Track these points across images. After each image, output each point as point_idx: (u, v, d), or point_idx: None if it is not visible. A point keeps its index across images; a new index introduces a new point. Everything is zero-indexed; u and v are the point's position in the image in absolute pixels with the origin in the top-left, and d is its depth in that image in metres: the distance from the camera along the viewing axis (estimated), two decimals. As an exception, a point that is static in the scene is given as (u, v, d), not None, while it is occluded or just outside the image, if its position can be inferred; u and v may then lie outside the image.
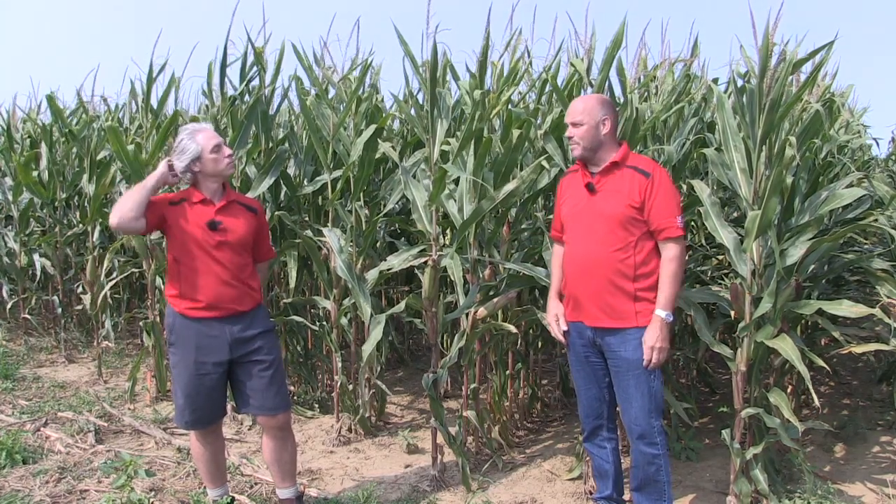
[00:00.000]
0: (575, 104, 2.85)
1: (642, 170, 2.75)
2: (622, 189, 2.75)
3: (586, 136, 2.79)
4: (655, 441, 2.82)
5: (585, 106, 2.80)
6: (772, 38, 2.82)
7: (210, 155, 2.86)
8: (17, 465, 3.74)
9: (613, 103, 2.95)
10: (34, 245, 6.55)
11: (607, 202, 2.77)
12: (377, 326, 3.52)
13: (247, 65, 4.40)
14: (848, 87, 5.27)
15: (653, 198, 2.71)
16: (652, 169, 2.76)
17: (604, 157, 2.82)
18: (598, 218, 2.78)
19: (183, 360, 2.91)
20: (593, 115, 2.78)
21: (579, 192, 2.88)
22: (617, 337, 2.79)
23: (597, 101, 2.83)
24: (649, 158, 2.93)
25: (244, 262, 2.97)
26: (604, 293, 2.78)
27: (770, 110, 2.87)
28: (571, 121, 2.82)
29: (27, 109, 7.12)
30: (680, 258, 2.72)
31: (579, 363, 3.01)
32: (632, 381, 2.79)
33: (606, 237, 2.75)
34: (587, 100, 2.86)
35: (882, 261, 3.58)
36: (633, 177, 2.75)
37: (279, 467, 3.08)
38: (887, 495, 3.40)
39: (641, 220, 2.73)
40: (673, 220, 2.71)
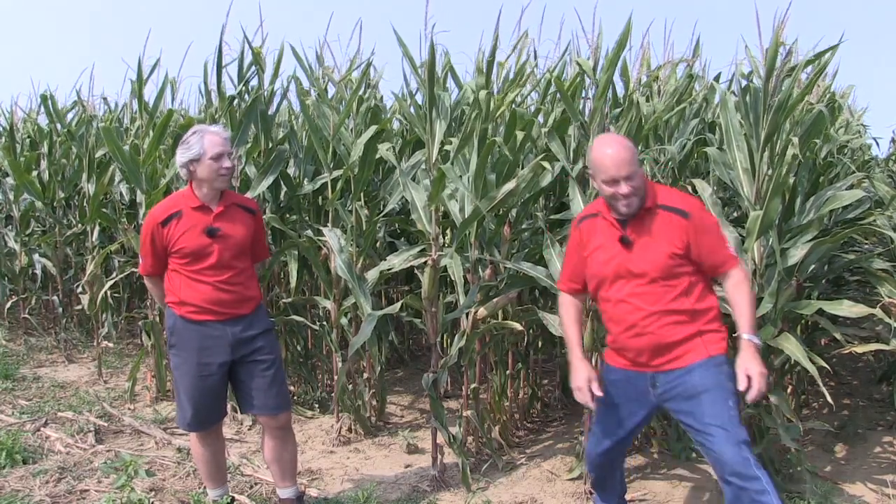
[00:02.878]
0: (619, 152, 2.35)
1: (679, 209, 2.40)
2: (661, 237, 2.39)
3: (642, 186, 2.39)
4: (754, 475, 2.25)
5: (632, 152, 2.37)
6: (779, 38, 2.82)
7: (208, 161, 2.79)
8: (17, 465, 3.74)
9: None
10: (34, 245, 6.56)
11: (648, 256, 2.40)
12: (370, 324, 3.51)
13: (244, 64, 4.40)
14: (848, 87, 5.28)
15: (699, 238, 2.37)
16: (688, 206, 2.42)
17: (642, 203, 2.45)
18: (640, 275, 2.41)
19: (185, 363, 2.91)
20: (638, 160, 2.41)
21: (609, 244, 2.47)
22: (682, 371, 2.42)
23: (630, 142, 2.45)
24: (677, 191, 2.59)
25: (244, 265, 2.96)
26: (664, 344, 2.42)
27: (776, 111, 2.87)
28: (626, 174, 2.33)
29: (28, 109, 7.12)
30: (747, 279, 2.44)
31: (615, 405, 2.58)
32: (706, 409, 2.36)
33: (654, 293, 2.40)
34: (624, 142, 2.42)
35: (882, 261, 3.59)
36: (669, 220, 2.39)
37: (280, 467, 3.08)
38: (887, 495, 3.40)
39: (690, 263, 2.40)
40: (726, 252, 2.42)
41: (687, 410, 2.41)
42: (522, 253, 3.90)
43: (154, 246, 2.89)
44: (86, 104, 6.04)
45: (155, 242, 2.88)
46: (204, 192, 2.88)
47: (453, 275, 3.66)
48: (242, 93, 4.44)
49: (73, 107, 6.51)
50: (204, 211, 2.87)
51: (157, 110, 5.00)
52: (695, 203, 2.49)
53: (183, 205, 2.87)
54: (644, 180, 2.41)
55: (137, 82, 4.82)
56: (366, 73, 4.28)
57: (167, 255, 2.90)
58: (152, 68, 4.89)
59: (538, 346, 4.54)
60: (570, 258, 2.67)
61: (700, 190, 3.19)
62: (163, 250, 2.89)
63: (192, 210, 2.86)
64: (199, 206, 2.87)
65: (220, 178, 2.84)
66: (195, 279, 2.86)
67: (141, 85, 4.82)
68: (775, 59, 2.82)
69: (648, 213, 2.42)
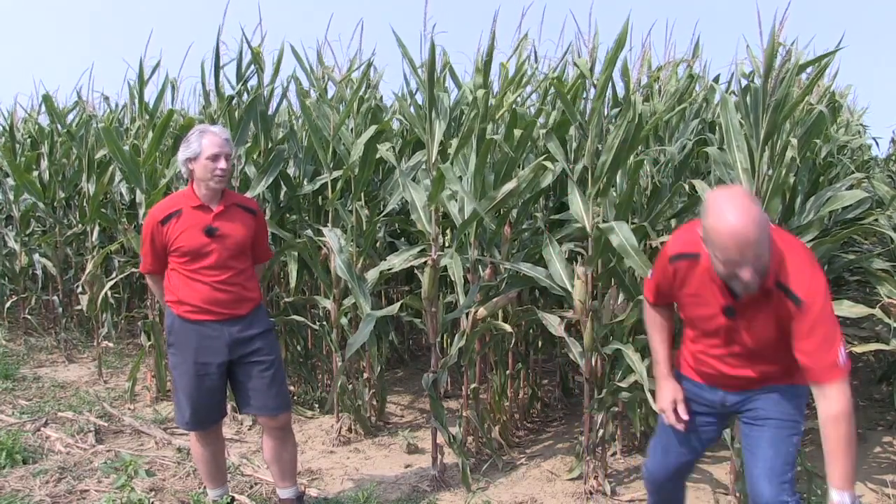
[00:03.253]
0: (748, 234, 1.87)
1: (793, 294, 2.00)
2: (771, 319, 2.08)
3: (767, 262, 1.97)
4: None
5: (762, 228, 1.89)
6: (777, 38, 2.82)
7: (204, 160, 2.81)
8: (17, 465, 3.74)
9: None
10: (34, 245, 6.56)
11: (752, 333, 2.13)
12: (368, 324, 3.52)
13: (243, 64, 4.40)
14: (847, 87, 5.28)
15: (804, 332, 2.01)
16: (805, 293, 2.00)
17: None
18: (740, 342, 2.18)
19: (183, 362, 2.91)
20: (766, 235, 1.93)
21: (711, 302, 2.16)
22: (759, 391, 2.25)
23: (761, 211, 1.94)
24: (802, 266, 2.05)
25: (242, 266, 2.95)
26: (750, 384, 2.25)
27: (774, 110, 2.87)
28: (751, 257, 1.90)
29: (29, 109, 7.12)
30: (849, 413, 1.97)
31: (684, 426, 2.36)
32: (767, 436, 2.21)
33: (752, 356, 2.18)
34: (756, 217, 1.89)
35: (882, 261, 3.59)
36: (780, 301, 2.03)
37: (279, 467, 3.08)
38: (887, 495, 3.40)
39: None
40: (828, 360, 1.98)
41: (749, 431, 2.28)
42: (522, 253, 3.90)
43: (154, 244, 2.90)
44: (86, 104, 6.04)
45: (155, 241, 2.89)
46: (203, 191, 2.88)
47: (453, 275, 3.66)
48: (241, 92, 4.44)
49: (74, 107, 6.51)
50: (203, 210, 2.87)
51: (158, 111, 5.00)
52: (815, 291, 2.01)
53: (183, 204, 2.88)
54: (769, 251, 1.95)
55: (138, 83, 4.82)
56: (366, 74, 4.28)
57: (167, 253, 2.90)
58: (153, 69, 4.90)
59: (538, 346, 4.54)
60: (659, 281, 2.33)
61: (699, 191, 3.19)
62: (162, 249, 2.90)
63: (191, 209, 2.86)
64: (199, 205, 2.87)
65: (215, 178, 2.84)
66: (193, 278, 2.86)
67: (142, 85, 4.83)
68: (773, 60, 2.83)
69: (765, 292, 2.04)
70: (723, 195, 1.98)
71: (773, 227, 2.04)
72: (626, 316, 3.33)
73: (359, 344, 3.50)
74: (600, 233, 3.27)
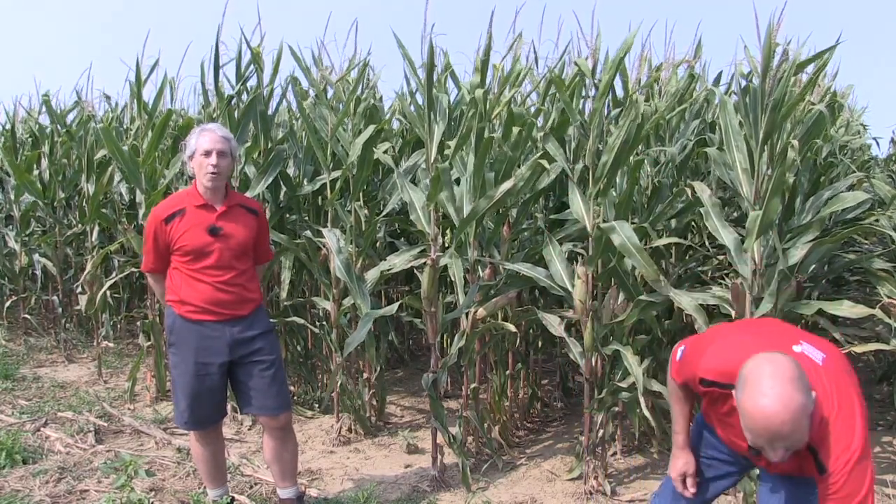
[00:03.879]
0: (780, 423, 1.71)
1: (821, 462, 1.87)
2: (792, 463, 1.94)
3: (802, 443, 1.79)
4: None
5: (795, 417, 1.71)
6: (774, 38, 2.82)
7: (198, 157, 2.84)
8: (17, 465, 3.74)
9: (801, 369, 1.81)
10: (34, 245, 6.56)
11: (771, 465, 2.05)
12: (366, 324, 3.52)
13: (242, 64, 4.40)
14: (847, 87, 5.28)
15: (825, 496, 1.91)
16: (833, 465, 1.86)
17: None
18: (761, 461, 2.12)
19: (183, 362, 2.91)
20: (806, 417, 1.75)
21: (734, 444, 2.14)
22: None
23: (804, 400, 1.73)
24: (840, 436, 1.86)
25: (244, 266, 2.96)
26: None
27: (772, 110, 2.87)
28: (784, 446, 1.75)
29: (29, 109, 7.12)
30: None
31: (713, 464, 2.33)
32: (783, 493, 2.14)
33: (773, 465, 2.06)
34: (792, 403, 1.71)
35: (882, 261, 3.59)
36: (806, 458, 1.90)
37: (280, 467, 3.08)
38: (887, 495, 3.40)
39: None
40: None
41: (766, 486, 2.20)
42: (522, 253, 3.90)
43: (156, 243, 2.90)
44: (85, 104, 6.05)
45: (157, 239, 2.89)
46: (202, 189, 2.90)
47: (453, 275, 3.66)
48: (241, 92, 4.44)
49: (73, 107, 6.51)
50: (207, 209, 2.88)
51: (157, 110, 5.00)
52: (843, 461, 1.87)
53: (187, 203, 2.89)
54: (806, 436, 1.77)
55: (136, 83, 4.81)
56: (363, 74, 4.28)
57: (169, 252, 2.90)
58: (151, 68, 4.90)
59: (538, 346, 4.54)
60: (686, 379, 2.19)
61: (699, 192, 3.19)
62: (165, 248, 2.90)
63: (195, 208, 2.87)
64: (203, 204, 2.88)
65: (208, 175, 2.84)
66: (196, 278, 2.87)
67: (139, 85, 4.82)
68: (770, 60, 2.83)
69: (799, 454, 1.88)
70: (765, 371, 1.75)
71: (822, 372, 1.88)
72: (626, 316, 3.33)
73: (356, 343, 3.50)
74: (601, 232, 3.27)
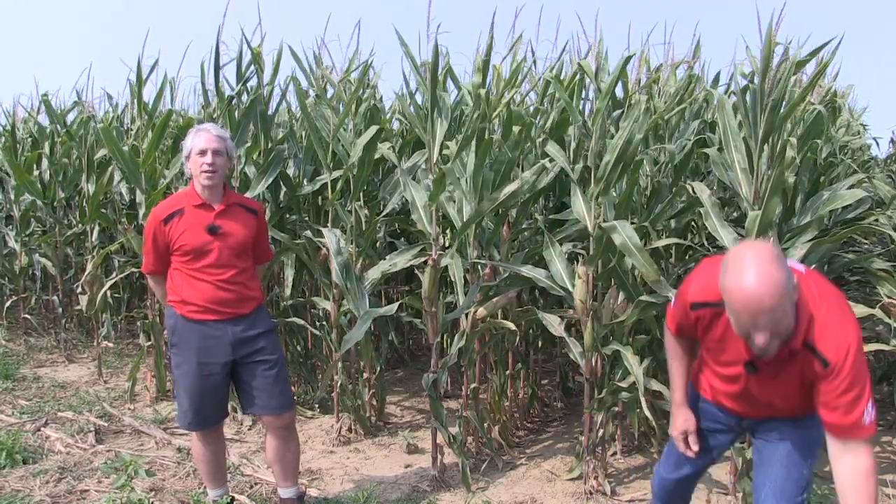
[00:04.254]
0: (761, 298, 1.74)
1: (821, 355, 1.89)
2: (793, 374, 1.99)
3: (789, 328, 1.84)
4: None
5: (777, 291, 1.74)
6: (774, 38, 2.82)
7: (194, 157, 2.85)
8: (17, 465, 3.74)
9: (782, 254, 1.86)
10: (34, 245, 6.56)
11: (772, 386, 2.07)
12: (364, 322, 3.52)
13: (243, 64, 4.40)
14: (848, 87, 5.28)
15: (830, 393, 1.92)
16: (834, 354, 1.88)
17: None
18: (759, 392, 2.12)
19: (186, 362, 2.91)
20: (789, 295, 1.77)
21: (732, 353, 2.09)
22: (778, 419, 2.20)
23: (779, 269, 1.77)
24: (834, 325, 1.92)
25: (244, 265, 2.96)
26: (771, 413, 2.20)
27: (772, 110, 2.88)
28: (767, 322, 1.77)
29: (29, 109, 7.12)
30: (875, 468, 1.94)
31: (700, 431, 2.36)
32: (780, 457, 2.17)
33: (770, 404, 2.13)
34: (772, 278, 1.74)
35: (882, 261, 3.59)
36: (806, 360, 1.93)
37: (282, 466, 3.08)
38: (887, 495, 3.40)
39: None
40: (857, 417, 1.93)
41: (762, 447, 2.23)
42: (522, 253, 3.90)
43: (156, 244, 2.91)
44: (85, 104, 6.05)
45: (157, 240, 2.90)
46: (200, 189, 2.90)
47: (453, 275, 3.66)
48: (241, 92, 4.44)
49: (73, 107, 6.51)
50: (205, 209, 2.89)
51: (157, 111, 5.00)
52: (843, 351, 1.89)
53: (185, 203, 2.90)
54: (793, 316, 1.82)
55: (136, 83, 4.81)
56: (365, 74, 4.28)
57: (169, 253, 2.91)
58: (151, 68, 4.89)
59: (538, 346, 4.54)
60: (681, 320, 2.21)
61: (698, 192, 3.19)
62: (165, 248, 2.91)
63: (193, 208, 2.88)
64: (201, 203, 2.89)
65: (203, 174, 2.85)
66: (196, 277, 2.87)
67: (140, 85, 4.82)
68: (770, 60, 2.83)
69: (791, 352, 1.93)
70: (747, 253, 1.81)
71: (807, 278, 1.95)
72: (626, 316, 3.33)
73: (354, 341, 3.50)
74: (602, 232, 3.27)
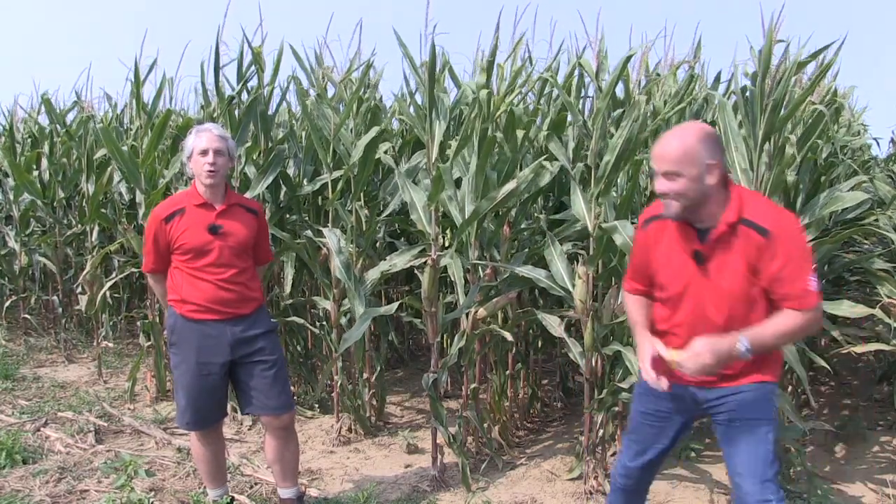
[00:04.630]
0: (666, 148, 2.05)
1: (758, 226, 2.03)
2: (738, 258, 2.08)
3: (687, 193, 2.04)
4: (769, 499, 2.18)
5: (685, 150, 2.01)
6: (774, 38, 2.82)
7: (196, 157, 2.85)
8: (17, 465, 3.74)
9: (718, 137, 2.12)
10: (34, 245, 6.55)
11: (722, 276, 2.11)
12: (364, 322, 3.52)
13: (244, 64, 4.40)
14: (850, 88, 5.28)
15: (772, 263, 2.03)
16: (771, 224, 2.03)
17: (711, 213, 2.10)
18: (711, 294, 2.15)
19: (185, 361, 2.91)
20: (696, 163, 2.02)
21: (679, 257, 2.19)
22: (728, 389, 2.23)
23: (699, 140, 2.03)
24: (770, 205, 2.15)
25: (245, 265, 2.97)
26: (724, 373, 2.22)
27: (772, 111, 2.88)
28: (665, 170, 2.05)
29: (28, 109, 7.12)
30: (803, 326, 2.06)
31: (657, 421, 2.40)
32: (743, 437, 2.22)
33: (723, 313, 2.14)
34: (686, 139, 2.03)
35: (882, 261, 3.59)
36: (747, 237, 2.05)
37: (281, 466, 3.08)
38: (887, 495, 3.40)
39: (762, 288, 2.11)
40: (802, 287, 2.02)
41: (725, 431, 2.27)
42: (522, 253, 3.90)
43: (157, 243, 2.91)
44: (85, 104, 6.04)
45: (158, 239, 2.90)
46: (202, 189, 2.90)
47: (453, 275, 3.66)
48: (241, 92, 4.44)
49: (72, 107, 6.51)
50: (206, 208, 2.90)
51: (156, 111, 5.00)
52: (781, 222, 2.06)
53: (186, 202, 2.91)
54: (699, 189, 2.04)
55: (135, 83, 4.81)
56: (366, 74, 4.28)
57: (170, 252, 2.91)
58: (150, 68, 4.89)
59: (538, 346, 4.54)
60: (635, 257, 2.40)
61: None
62: (166, 247, 2.91)
63: (194, 207, 2.89)
64: (202, 203, 2.90)
65: (206, 174, 2.85)
66: (197, 277, 2.87)
67: (138, 85, 4.82)
68: (769, 61, 2.83)
69: (730, 227, 2.07)
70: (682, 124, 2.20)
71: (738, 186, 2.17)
72: (627, 316, 3.32)
73: (353, 340, 3.51)
74: (602, 232, 3.27)
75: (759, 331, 2.06)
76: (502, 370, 4.12)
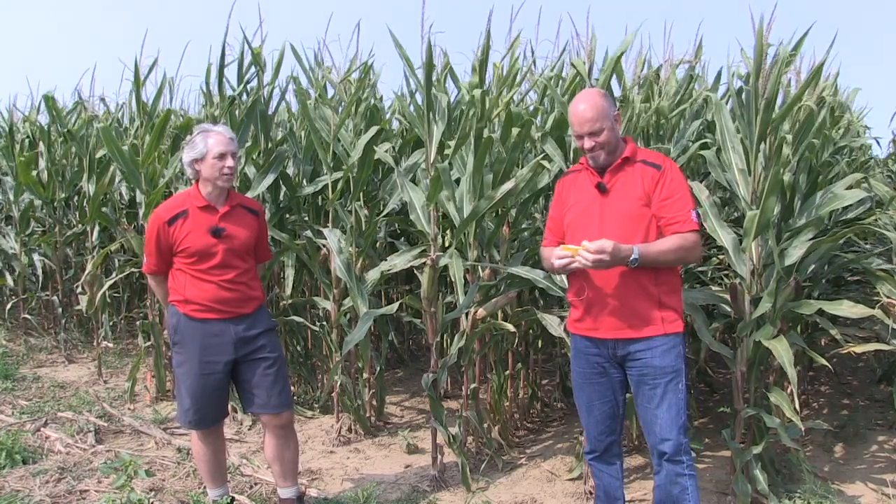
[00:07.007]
0: (584, 111, 2.50)
1: (653, 163, 2.53)
2: (635, 185, 2.50)
3: (609, 141, 2.52)
4: (682, 459, 2.53)
5: (597, 109, 2.49)
6: (766, 38, 2.82)
7: (212, 160, 2.85)
8: (17, 465, 3.75)
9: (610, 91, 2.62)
10: (34, 245, 6.56)
11: (621, 201, 2.51)
12: (365, 323, 3.52)
13: (244, 65, 4.40)
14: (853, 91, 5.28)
15: (663, 191, 2.47)
16: (662, 161, 2.54)
17: (615, 155, 2.56)
18: (611, 218, 2.51)
19: (188, 360, 2.92)
20: (608, 116, 2.51)
21: (587, 193, 2.60)
22: (642, 343, 2.51)
23: (602, 98, 2.54)
24: (658, 152, 2.70)
25: (247, 265, 2.98)
26: (625, 300, 2.50)
27: (766, 110, 2.88)
28: (589, 130, 2.50)
29: (26, 110, 7.12)
30: (687, 246, 2.44)
31: (593, 376, 2.67)
32: (658, 391, 2.51)
33: (622, 239, 2.41)
34: (594, 101, 2.52)
35: (882, 261, 3.59)
36: (644, 171, 2.52)
37: (281, 466, 3.08)
38: (887, 495, 3.40)
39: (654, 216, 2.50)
40: (685, 213, 2.46)
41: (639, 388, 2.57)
42: (522, 253, 3.90)
43: (159, 245, 2.91)
44: (86, 105, 6.05)
45: (160, 241, 2.90)
46: (209, 191, 2.91)
47: (453, 275, 3.66)
48: (242, 93, 4.44)
49: (74, 107, 6.52)
50: (210, 211, 2.90)
51: (156, 111, 5.00)
52: (670, 162, 2.58)
53: (189, 204, 2.90)
54: (614, 136, 2.54)
55: (135, 83, 4.82)
56: (365, 74, 4.28)
57: (172, 254, 2.91)
58: (150, 68, 4.89)
59: (538, 346, 4.54)
60: (552, 210, 2.78)
61: (697, 193, 3.19)
62: (168, 249, 2.91)
63: (198, 210, 2.89)
64: (205, 205, 2.90)
65: (223, 176, 2.87)
66: (200, 278, 2.88)
67: (138, 85, 4.82)
68: (762, 60, 2.84)
69: (627, 162, 2.55)
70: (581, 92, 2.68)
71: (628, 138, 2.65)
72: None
73: (355, 341, 3.51)
74: (600, 233, 3.26)
75: (647, 245, 2.43)
76: (502, 370, 4.12)
